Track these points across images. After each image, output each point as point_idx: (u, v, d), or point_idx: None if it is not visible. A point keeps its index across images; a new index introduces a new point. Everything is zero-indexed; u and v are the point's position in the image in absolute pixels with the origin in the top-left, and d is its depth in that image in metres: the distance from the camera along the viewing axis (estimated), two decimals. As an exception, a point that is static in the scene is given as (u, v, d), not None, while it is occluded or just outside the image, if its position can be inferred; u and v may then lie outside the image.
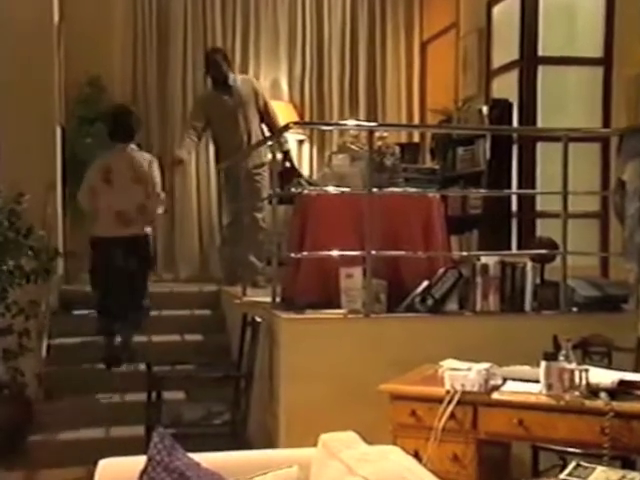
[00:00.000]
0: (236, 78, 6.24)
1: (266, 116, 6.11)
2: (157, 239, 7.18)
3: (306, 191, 4.71)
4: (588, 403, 2.88)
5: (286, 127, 4.65)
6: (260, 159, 6.01)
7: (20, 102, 5.55)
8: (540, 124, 5.88)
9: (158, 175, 5.27)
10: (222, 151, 6.15)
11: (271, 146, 5.40)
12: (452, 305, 4.20)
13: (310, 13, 7.62)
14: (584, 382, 2.92)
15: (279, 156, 5.97)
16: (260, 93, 6.21)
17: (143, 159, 5.28)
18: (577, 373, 2.93)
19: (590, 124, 5.68)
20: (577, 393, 2.91)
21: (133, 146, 5.31)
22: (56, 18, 6.04)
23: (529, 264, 4.28)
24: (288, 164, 6.03)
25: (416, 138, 7.48)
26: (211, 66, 6.12)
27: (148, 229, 5.33)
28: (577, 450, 3.14)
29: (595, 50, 5.90)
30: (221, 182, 6.38)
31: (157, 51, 7.31)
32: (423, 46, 7.87)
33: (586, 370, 2.96)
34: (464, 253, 5.47)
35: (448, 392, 3.08)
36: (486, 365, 3.15)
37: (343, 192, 4.39)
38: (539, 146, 5.87)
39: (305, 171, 7.36)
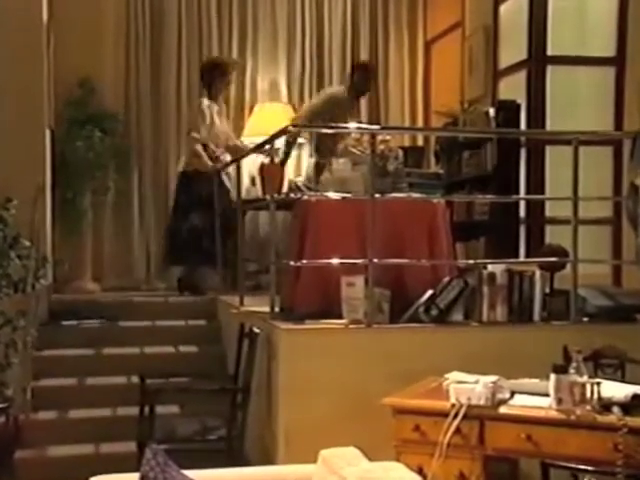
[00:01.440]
0: None
1: None
2: (151, 246, 7.17)
3: (306, 196, 4.71)
4: (600, 418, 2.88)
5: (284, 130, 4.66)
6: None
7: (8, 104, 5.54)
8: (549, 127, 5.88)
9: (197, 118, 6.38)
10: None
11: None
12: (457, 315, 4.20)
13: (310, 11, 7.63)
14: (596, 396, 2.92)
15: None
16: None
17: (196, 106, 6.48)
18: (589, 387, 2.92)
19: (601, 127, 5.69)
20: (589, 407, 2.91)
21: (204, 98, 6.42)
22: (45, 16, 6.04)
23: (538, 272, 4.28)
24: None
25: (420, 141, 7.48)
26: (365, 76, 6.44)
27: (198, 166, 6.32)
28: (589, 467, 3.13)
29: (607, 49, 5.91)
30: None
31: (150, 52, 7.30)
32: (427, 46, 7.88)
33: (598, 383, 2.96)
34: (470, 261, 5.47)
35: (454, 406, 3.08)
36: (493, 378, 3.15)
37: (344, 198, 4.39)
38: (548, 150, 5.88)
39: (304, 175, 7.38)
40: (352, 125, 6.41)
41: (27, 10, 5.69)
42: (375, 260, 4.07)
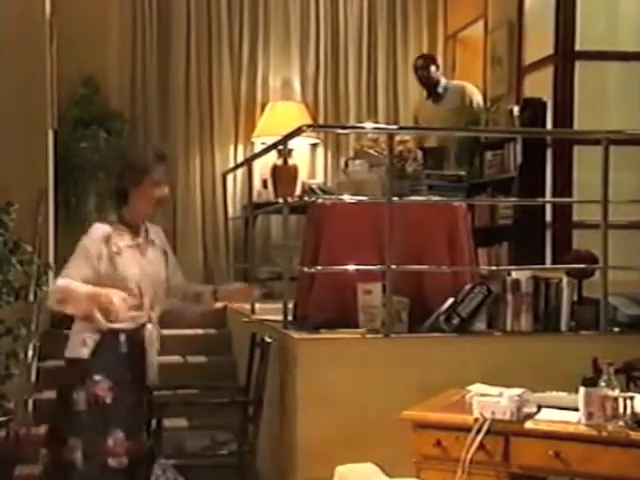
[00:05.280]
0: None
1: None
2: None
3: (320, 200, 4.70)
4: (634, 435, 2.85)
5: (298, 130, 4.66)
6: None
7: (8, 104, 5.57)
8: (577, 126, 5.86)
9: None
10: None
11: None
12: (480, 324, 4.18)
13: (324, 5, 7.63)
14: (629, 411, 2.89)
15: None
16: None
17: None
18: (621, 401, 2.90)
19: (633, 125, 5.64)
20: (621, 423, 2.88)
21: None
22: (48, 11, 6.07)
23: (565, 280, 4.26)
24: None
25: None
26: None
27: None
28: (622, 486, 3.10)
29: (639, 43, 5.87)
30: None
31: (157, 49, 7.32)
32: (448, 40, 7.87)
33: (631, 398, 2.93)
34: (493, 267, 5.46)
35: (477, 420, 3.06)
36: (519, 391, 3.13)
37: (361, 201, 4.39)
38: (576, 150, 5.85)
39: (319, 178, 7.38)
40: (368, 125, 6.40)
41: (29, 5, 5.72)
42: (393, 266, 4.05)
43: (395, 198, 4.15)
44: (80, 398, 3.25)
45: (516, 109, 6.09)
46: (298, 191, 6.76)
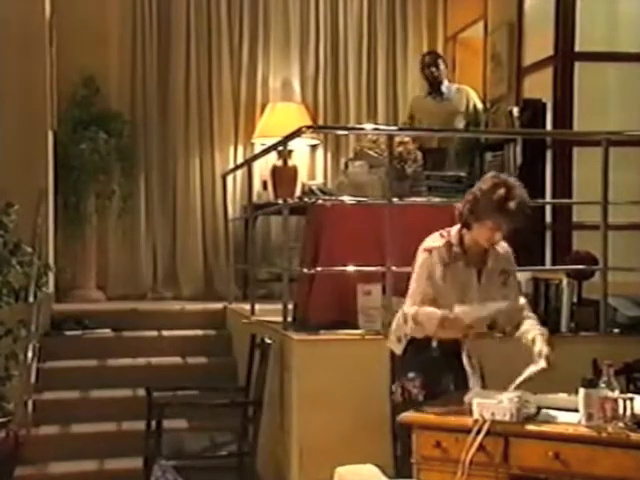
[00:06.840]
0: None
1: None
2: (158, 253, 7.20)
3: (320, 201, 4.70)
4: (634, 436, 2.85)
5: (298, 131, 4.66)
6: None
7: (8, 105, 5.57)
8: (577, 127, 5.85)
9: None
10: None
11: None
12: (480, 326, 4.17)
13: (324, 7, 7.63)
14: (629, 412, 2.89)
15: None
16: None
17: None
18: (621, 402, 2.90)
19: (633, 126, 5.64)
20: (621, 424, 2.88)
21: None
22: (47, 12, 6.07)
23: (565, 281, 4.26)
24: None
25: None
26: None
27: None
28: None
29: (639, 44, 5.87)
30: None
31: (157, 50, 7.31)
32: (447, 41, 7.87)
33: (631, 399, 2.93)
34: (493, 268, 5.43)
35: (476, 421, 3.06)
36: (518, 392, 3.12)
37: (360, 202, 4.39)
38: (576, 151, 5.85)
39: (319, 179, 7.38)
40: (368, 126, 6.40)
41: (29, 6, 5.72)
42: (393, 267, 4.05)
43: (395, 199, 4.15)
44: (397, 390, 3.39)
45: (516, 110, 6.07)
46: (298, 192, 6.77)
